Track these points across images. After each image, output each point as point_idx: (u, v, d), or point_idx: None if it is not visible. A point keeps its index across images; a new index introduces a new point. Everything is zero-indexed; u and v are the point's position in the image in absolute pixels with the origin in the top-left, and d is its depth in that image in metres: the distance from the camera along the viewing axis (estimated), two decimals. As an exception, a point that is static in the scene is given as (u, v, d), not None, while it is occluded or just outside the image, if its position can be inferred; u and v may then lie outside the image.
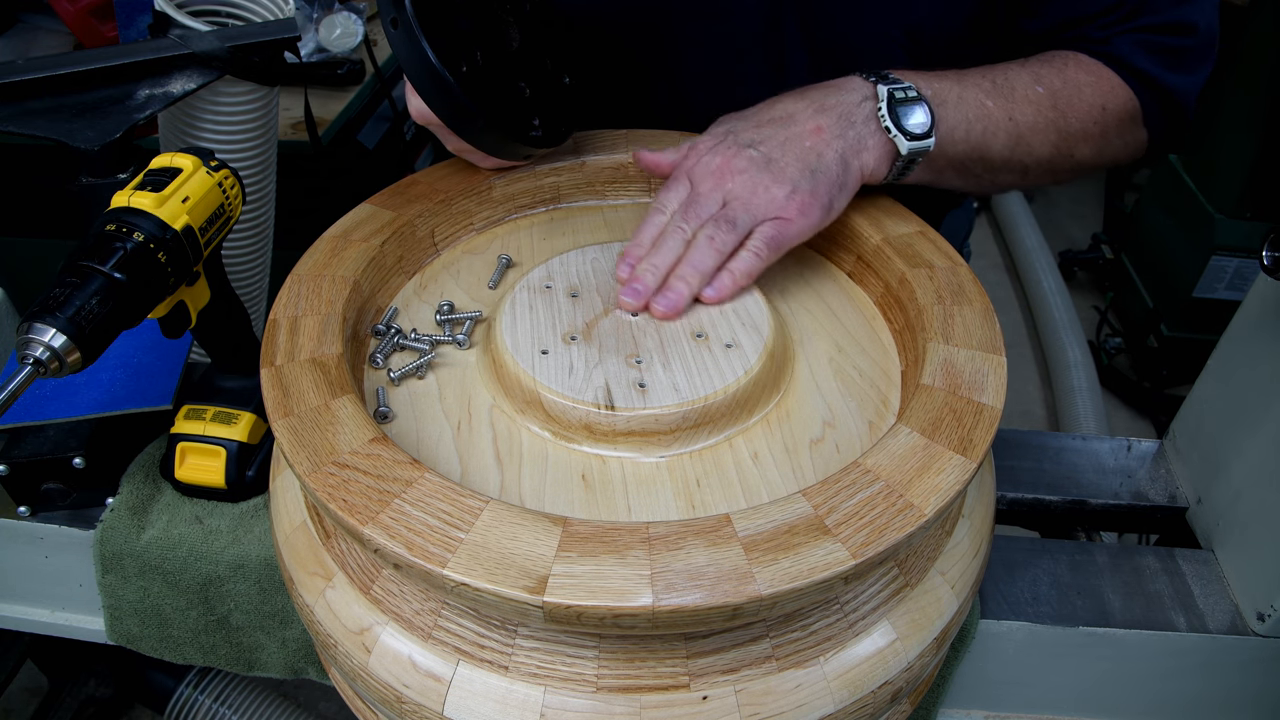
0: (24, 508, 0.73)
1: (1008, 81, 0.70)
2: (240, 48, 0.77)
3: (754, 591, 0.41)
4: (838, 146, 0.64)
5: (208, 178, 0.60)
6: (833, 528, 0.44)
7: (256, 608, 0.72)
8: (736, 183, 0.64)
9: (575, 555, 0.43)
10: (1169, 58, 0.73)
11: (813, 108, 0.66)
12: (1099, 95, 0.72)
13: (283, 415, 0.50)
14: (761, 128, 0.66)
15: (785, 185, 0.63)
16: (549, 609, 0.41)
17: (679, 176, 0.68)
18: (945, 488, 0.47)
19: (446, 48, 0.62)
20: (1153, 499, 0.80)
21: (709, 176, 0.65)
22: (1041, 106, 0.70)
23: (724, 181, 0.65)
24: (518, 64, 0.69)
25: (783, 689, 0.48)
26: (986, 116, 0.69)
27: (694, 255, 0.63)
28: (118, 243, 0.54)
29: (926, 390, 0.53)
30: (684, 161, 0.68)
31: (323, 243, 0.64)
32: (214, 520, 0.71)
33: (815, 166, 0.64)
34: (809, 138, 0.64)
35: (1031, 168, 0.73)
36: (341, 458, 0.48)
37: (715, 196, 0.65)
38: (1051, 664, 0.69)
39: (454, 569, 0.42)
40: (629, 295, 0.62)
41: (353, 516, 0.45)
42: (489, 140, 0.67)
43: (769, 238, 0.63)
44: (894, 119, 0.64)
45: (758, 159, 0.64)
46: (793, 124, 0.65)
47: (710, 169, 0.65)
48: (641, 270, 0.63)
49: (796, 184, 0.63)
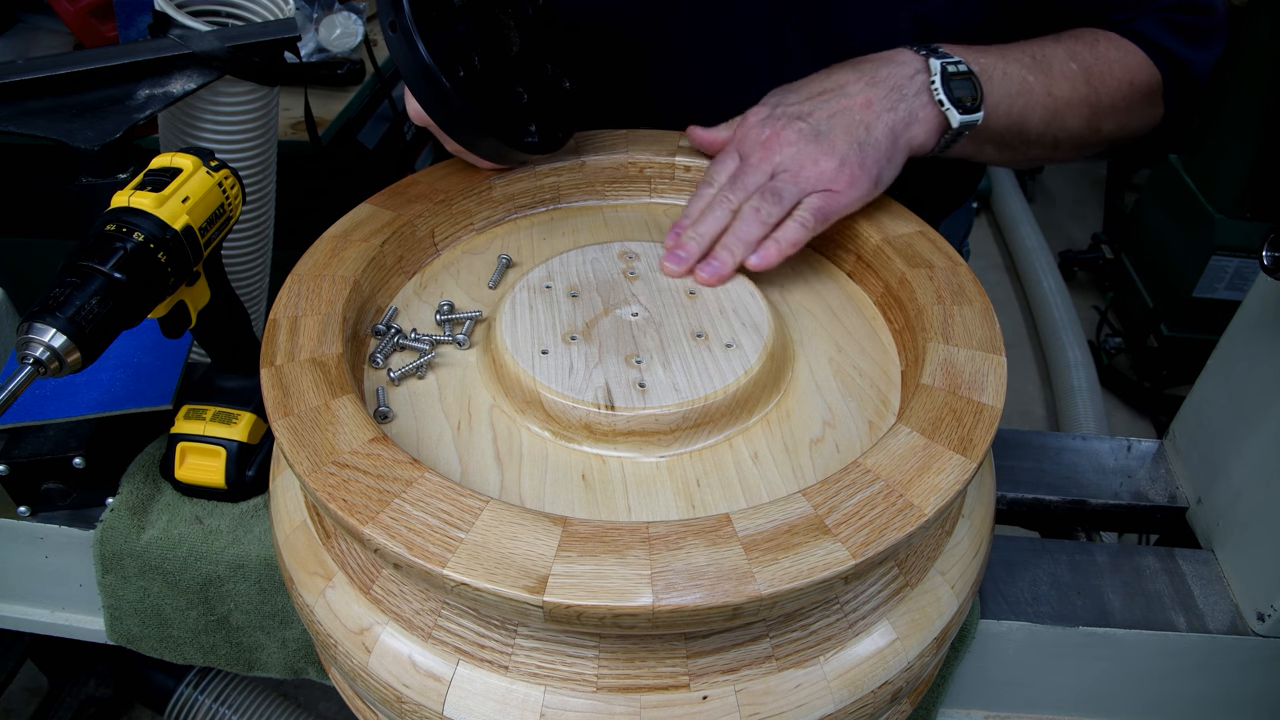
0: (24, 508, 0.73)
1: (1045, 57, 0.72)
2: (240, 48, 0.77)
3: (754, 591, 0.41)
4: (888, 120, 0.65)
5: (208, 178, 0.60)
6: (833, 527, 0.44)
7: (256, 608, 0.72)
8: (785, 155, 0.65)
9: (575, 555, 0.43)
10: (1189, 34, 0.76)
11: (864, 80, 0.66)
12: (1127, 71, 0.74)
13: (283, 415, 0.50)
14: (811, 100, 0.67)
15: (834, 158, 0.64)
16: (549, 609, 0.41)
17: (729, 150, 0.69)
18: (945, 488, 0.47)
19: (444, 52, 0.62)
20: (1153, 499, 0.81)
21: (758, 149, 0.66)
22: (1076, 82, 0.72)
23: (772, 154, 0.65)
24: (517, 69, 0.69)
25: (783, 689, 0.48)
26: (1028, 91, 0.71)
27: (739, 226, 0.64)
28: (118, 243, 0.54)
29: (926, 390, 0.53)
30: (734, 135, 0.69)
31: (323, 243, 0.64)
32: (214, 520, 0.71)
33: (864, 140, 0.64)
34: (859, 111, 0.65)
35: (1063, 141, 0.75)
36: (341, 457, 0.48)
37: (764, 168, 0.66)
38: (1051, 664, 0.69)
39: (454, 569, 0.42)
40: (672, 262, 0.64)
41: (353, 516, 0.45)
42: (485, 146, 0.68)
43: (816, 209, 0.64)
44: (947, 92, 0.66)
45: (807, 131, 0.65)
46: (843, 96, 0.66)
47: (759, 141, 0.66)
48: (687, 238, 0.65)
49: (845, 156, 0.64)
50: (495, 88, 0.66)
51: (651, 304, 0.62)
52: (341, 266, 0.61)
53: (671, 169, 0.76)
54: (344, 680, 0.59)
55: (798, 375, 0.61)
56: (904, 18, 0.76)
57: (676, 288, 0.64)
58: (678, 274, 0.64)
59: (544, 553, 0.43)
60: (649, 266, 0.65)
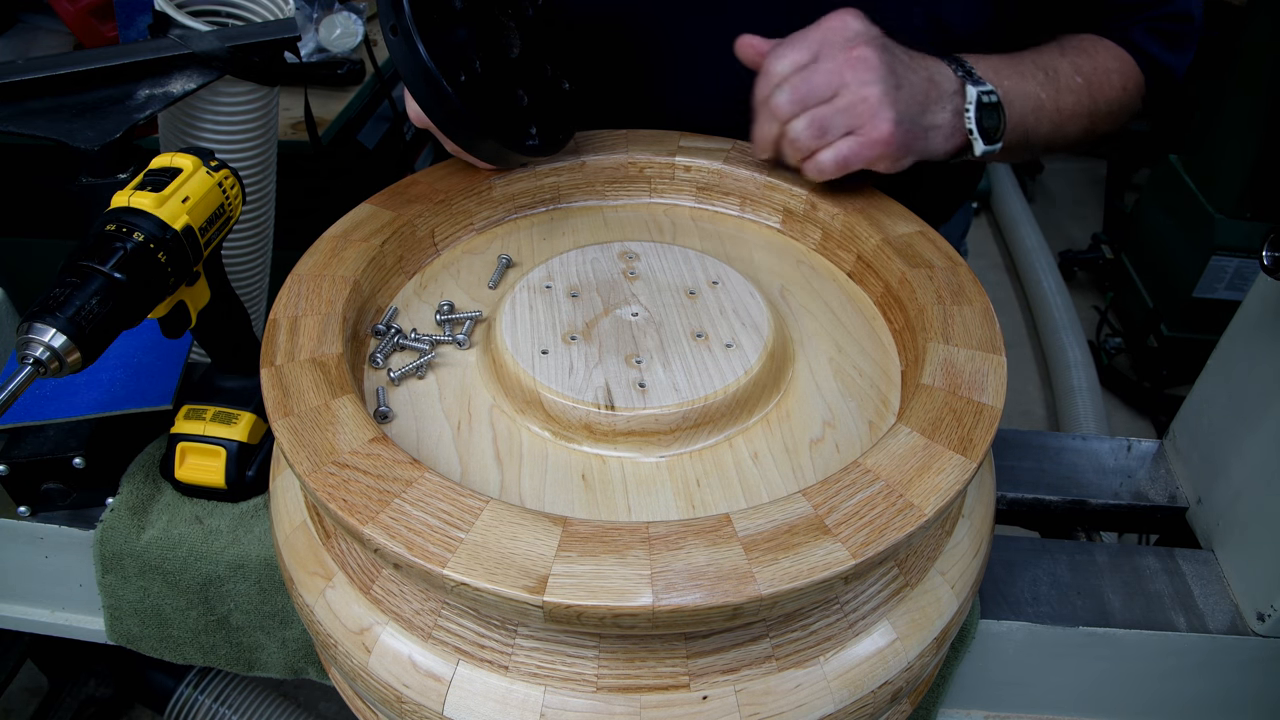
0: (24, 508, 0.73)
1: (1055, 71, 0.73)
2: (240, 48, 0.77)
3: (754, 591, 0.41)
4: (933, 115, 0.66)
5: (208, 178, 0.60)
6: (833, 527, 0.44)
7: (256, 608, 0.72)
8: (860, 80, 0.61)
9: (575, 555, 0.43)
10: (1171, 41, 0.79)
11: (928, 69, 0.66)
12: (1122, 78, 0.77)
13: (283, 415, 0.50)
14: (909, 53, 0.66)
15: (893, 115, 0.62)
16: (549, 609, 0.41)
17: (807, 39, 0.64)
18: (945, 488, 0.47)
19: (445, 56, 0.62)
20: (1153, 499, 0.81)
21: (839, 52, 0.62)
22: (1080, 94, 0.74)
23: (850, 71, 0.62)
24: (517, 70, 0.69)
25: (783, 689, 0.48)
26: (1039, 109, 0.72)
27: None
28: (118, 242, 0.54)
29: (926, 390, 0.53)
30: (822, 21, 0.65)
31: (323, 242, 0.64)
32: (214, 520, 0.71)
33: (918, 118, 0.64)
34: (924, 89, 0.65)
35: (1060, 146, 0.77)
36: (341, 457, 0.48)
37: (831, 81, 0.62)
38: (1051, 664, 0.69)
39: (454, 569, 0.42)
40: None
41: (353, 516, 0.45)
42: (485, 148, 0.68)
43: (843, 156, 0.64)
44: (978, 122, 0.66)
45: (891, 69, 0.62)
46: (924, 70, 0.66)
47: (843, 47, 0.62)
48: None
49: (901, 121, 0.63)
50: (496, 91, 0.66)
51: (651, 304, 0.62)
52: (342, 266, 0.61)
53: (672, 169, 0.76)
54: (344, 680, 0.59)
55: (798, 375, 0.61)
56: (917, 14, 0.76)
57: (676, 287, 0.64)
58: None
59: (544, 553, 0.43)
60: (649, 266, 0.65)
